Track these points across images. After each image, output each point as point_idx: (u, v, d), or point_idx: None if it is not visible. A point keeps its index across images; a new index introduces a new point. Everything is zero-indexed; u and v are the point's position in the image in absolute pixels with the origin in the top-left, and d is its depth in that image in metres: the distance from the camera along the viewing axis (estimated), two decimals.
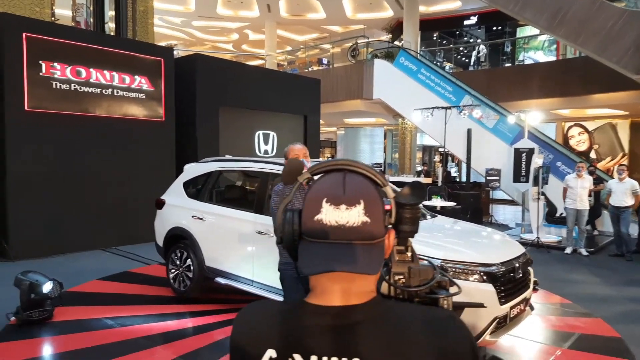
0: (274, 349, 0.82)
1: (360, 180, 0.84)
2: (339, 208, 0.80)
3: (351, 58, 15.37)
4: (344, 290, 0.81)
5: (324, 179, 0.85)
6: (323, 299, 0.82)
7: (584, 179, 8.19)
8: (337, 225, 0.79)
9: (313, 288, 0.84)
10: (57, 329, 4.26)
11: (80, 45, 7.41)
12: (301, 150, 3.27)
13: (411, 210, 0.91)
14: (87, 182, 7.47)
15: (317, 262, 0.79)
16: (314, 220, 0.81)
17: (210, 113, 9.11)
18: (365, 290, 0.82)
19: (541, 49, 17.58)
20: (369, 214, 0.80)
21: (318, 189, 0.83)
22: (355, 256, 0.78)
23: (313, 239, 0.81)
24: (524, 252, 3.94)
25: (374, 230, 0.81)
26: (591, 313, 5.06)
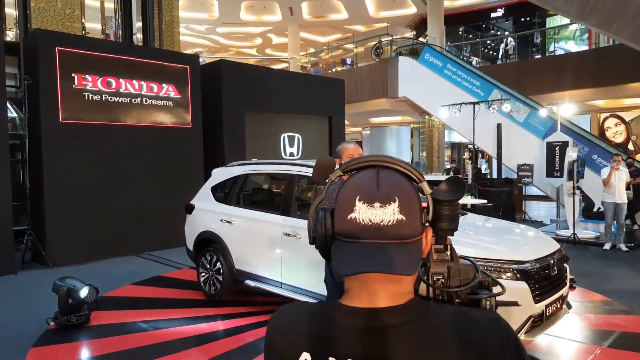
0: (309, 352, 0.80)
1: (394, 177, 0.80)
2: (373, 206, 0.77)
3: (375, 57, 15.27)
4: (380, 291, 0.78)
5: (357, 176, 0.82)
6: (358, 300, 0.80)
7: (621, 171, 7.88)
8: (372, 225, 0.76)
9: (348, 289, 0.82)
10: (94, 332, 4.38)
11: (109, 57, 7.63)
12: (355, 149, 3.19)
13: (450, 207, 0.87)
14: (119, 189, 7.67)
15: (351, 263, 0.76)
16: (347, 219, 0.78)
17: (236, 118, 9.22)
18: (402, 291, 0.80)
19: (572, 39, 17.02)
20: (404, 212, 0.77)
21: (351, 187, 0.80)
22: (391, 256, 0.75)
23: (346, 239, 0.79)
24: (559, 249, 3.81)
25: (410, 229, 0.77)
26: (632, 310, 4.85)
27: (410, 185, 0.81)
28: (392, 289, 0.79)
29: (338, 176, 0.88)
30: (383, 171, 0.81)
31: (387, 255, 0.75)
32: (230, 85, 9.16)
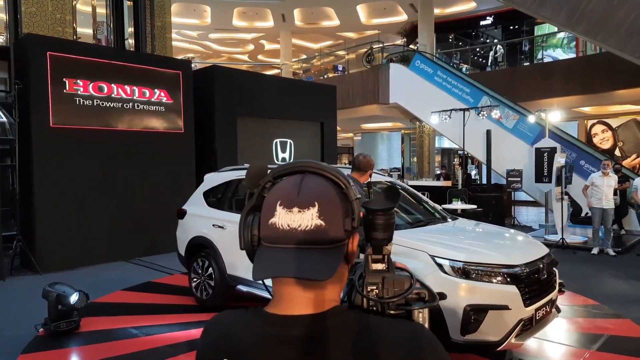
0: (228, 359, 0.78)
1: (318, 182, 0.80)
2: (292, 211, 0.76)
3: (366, 63, 15.38)
4: (299, 298, 0.77)
5: (283, 182, 0.82)
6: (280, 307, 0.78)
7: (609, 177, 8.00)
8: (289, 229, 0.75)
9: (272, 295, 0.81)
10: (84, 339, 4.35)
11: (101, 62, 7.61)
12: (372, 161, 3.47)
13: (383, 216, 0.87)
14: (110, 194, 7.63)
15: (265, 267, 0.75)
16: (269, 224, 0.77)
17: (228, 123, 9.23)
18: (323, 298, 0.78)
19: (560, 47, 17.29)
20: (323, 217, 0.76)
21: (275, 192, 0.80)
22: (306, 261, 0.73)
23: (268, 243, 0.78)
24: (548, 253, 3.86)
25: (329, 234, 0.76)
26: (620, 314, 4.92)
27: (333, 190, 0.79)
28: (313, 296, 0.77)
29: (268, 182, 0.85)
30: (308, 176, 0.80)
31: (302, 261, 0.74)
32: (223, 90, 9.18)
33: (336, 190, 0.80)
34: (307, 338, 0.75)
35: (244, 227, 0.83)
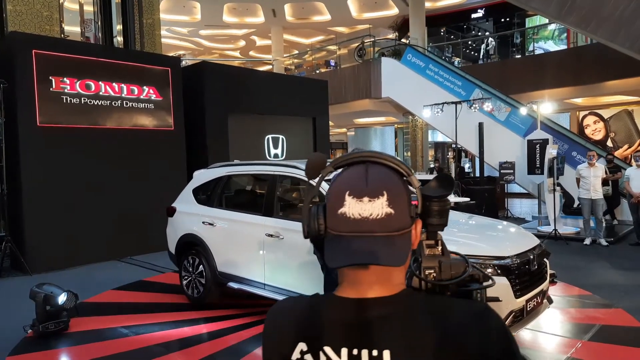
0: (305, 342, 0.83)
1: (383, 172, 0.82)
2: (362, 201, 0.79)
3: (358, 58, 15.32)
4: (372, 282, 0.81)
5: (347, 172, 0.84)
6: (351, 291, 0.82)
7: (596, 167, 8.01)
8: (361, 218, 0.78)
9: (341, 281, 0.85)
10: (73, 339, 4.29)
11: (88, 59, 7.51)
12: None
13: (439, 202, 0.90)
14: (99, 194, 7.55)
15: (341, 255, 0.78)
16: (337, 214, 0.80)
17: (219, 120, 9.15)
18: (392, 282, 0.82)
19: (551, 39, 17.31)
20: (392, 206, 0.79)
21: (341, 182, 0.83)
22: (379, 248, 0.77)
23: (337, 232, 0.81)
24: (539, 244, 3.85)
25: (398, 222, 0.79)
26: (612, 304, 4.93)
27: (398, 179, 0.82)
28: (382, 280, 0.81)
29: (329, 172, 0.89)
30: (372, 166, 0.82)
31: (375, 248, 0.77)
32: (213, 87, 9.10)
33: (400, 178, 0.83)
34: (383, 319, 0.79)
35: (309, 217, 0.84)
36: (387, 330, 0.78)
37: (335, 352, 0.80)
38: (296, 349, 0.83)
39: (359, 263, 0.77)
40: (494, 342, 0.78)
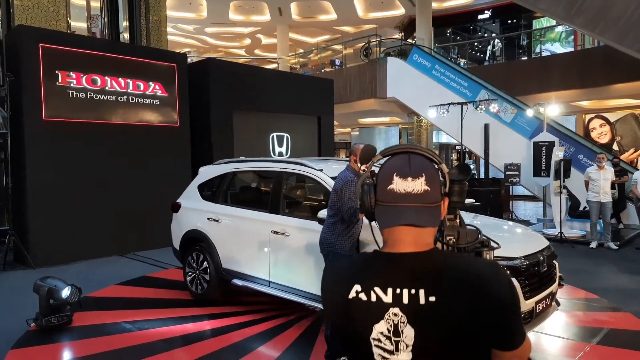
0: (359, 284, 1.07)
1: (421, 159, 1.08)
2: (406, 180, 1.05)
3: (364, 57, 15.27)
4: (409, 241, 1.06)
5: (393, 159, 1.09)
6: (394, 248, 1.07)
7: (605, 170, 7.94)
8: (405, 193, 1.05)
9: (385, 241, 1.10)
10: (76, 333, 4.27)
11: (94, 54, 7.50)
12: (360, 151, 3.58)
13: (459, 185, 1.21)
14: (104, 188, 7.54)
15: (392, 219, 1.06)
16: (387, 189, 1.06)
17: (224, 117, 9.13)
18: (424, 242, 1.07)
19: (558, 41, 17.21)
20: (429, 185, 1.05)
21: (389, 166, 1.08)
22: (419, 214, 1.04)
23: (387, 203, 1.06)
24: (548, 246, 3.80)
25: (432, 197, 1.06)
26: (620, 307, 4.87)
27: (432, 166, 1.08)
28: (417, 240, 1.06)
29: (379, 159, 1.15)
30: (413, 155, 1.09)
31: (416, 214, 1.04)
32: (218, 83, 9.07)
33: (433, 165, 1.09)
34: (418, 267, 1.04)
35: (363, 194, 1.11)
36: (422, 275, 1.03)
37: (383, 291, 1.04)
38: (352, 289, 1.07)
39: (405, 224, 1.04)
40: (505, 291, 1.01)
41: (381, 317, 1.04)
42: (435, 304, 1.00)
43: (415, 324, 1.02)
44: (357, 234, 3.58)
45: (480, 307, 0.99)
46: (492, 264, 1.08)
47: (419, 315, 1.02)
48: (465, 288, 1.00)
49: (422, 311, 1.01)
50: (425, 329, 1.02)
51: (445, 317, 1.00)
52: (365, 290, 1.06)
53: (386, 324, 1.04)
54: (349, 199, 3.41)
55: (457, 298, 0.99)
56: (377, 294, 1.05)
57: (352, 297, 1.07)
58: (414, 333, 1.02)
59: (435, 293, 1.00)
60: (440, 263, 1.05)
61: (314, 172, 4.27)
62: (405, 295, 1.03)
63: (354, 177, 3.49)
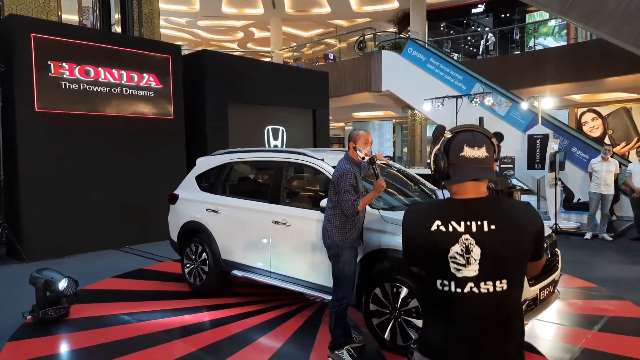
0: (439, 220, 1.51)
1: (481, 135, 1.55)
2: (474, 149, 1.51)
3: (358, 51, 15.22)
4: (472, 191, 1.53)
5: (461, 134, 1.55)
6: (463, 195, 1.54)
7: (609, 162, 7.95)
8: (473, 158, 1.51)
9: (454, 193, 1.56)
10: (74, 325, 4.20)
11: (88, 45, 7.37)
12: (368, 135, 3.55)
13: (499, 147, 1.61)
14: (98, 181, 7.43)
15: (464, 176, 1.52)
16: (460, 156, 1.52)
17: (219, 109, 9.04)
18: (482, 190, 1.54)
19: (551, 35, 17.28)
20: (488, 152, 1.53)
21: (460, 140, 1.53)
22: (482, 172, 1.52)
23: (460, 165, 1.52)
24: (551, 233, 3.80)
25: (490, 160, 1.53)
26: (619, 295, 4.90)
27: (489, 139, 1.55)
28: (478, 189, 1.53)
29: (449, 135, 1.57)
30: (475, 132, 1.55)
31: (480, 172, 1.51)
32: (213, 76, 8.98)
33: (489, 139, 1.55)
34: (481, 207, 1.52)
35: (440, 159, 1.54)
36: (484, 212, 1.50)
37: (457, 223, 1.50)
38: (434, 224, 1.52)
39: (474, 179, 1.51)
40: (539, 219, 1.55)
41: (456, 242, 1.49)
42: (495, 230, 1.48)
43: (481, 245, 1.48)
44: (360, 225, 3.52)
45: (527, 231, 1.51)
46: (527, 203, 1.62)
47: (484, 239, 1.48)
48: (513, 218, 1.51)
49: (486, 236, 1.48)
50: (487, 248, 1.48)
51: (501, 239, 1.48)
52: (444, 224, 1.51)
53: (460, 246, 1.49)
54: (346, 192, 3.29)
55: (509, 225, 1.49)
56: (453, 226, 1.50)
57: (434, 230, 1.51)
58: (480, 251, 1.48)
59: (494, 223, 1.48)
60: (495, 204, 1.55)
61: (316, 162, 4.22)
62: (474, 225, 1.49)
63: (350, 168, 3.38)
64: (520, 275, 1.54)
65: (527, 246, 1.51)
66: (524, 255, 1.51)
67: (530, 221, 1.52)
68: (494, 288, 1.48)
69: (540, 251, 1.55)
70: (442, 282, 1.52)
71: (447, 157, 1.52)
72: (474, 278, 1.48)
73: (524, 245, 1.50)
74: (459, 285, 1.49)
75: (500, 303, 1.49)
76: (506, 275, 1.49)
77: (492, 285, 1.48)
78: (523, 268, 1.54)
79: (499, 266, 1.48)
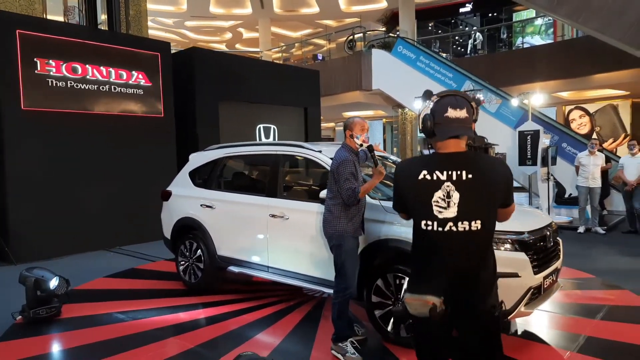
0: (425, 170, 1.82)
1: (462, 99, 1.83)
2: (456, 110, 1.80)
3: (348, 49, 15.19)
4: (454, 146, 1.83)
5: (445, 98, 1.83)
6: (446, 150, 1.83)
7: (596, 156, 8.02)
8: (455, 118, 1.80)
9: (439, 148, 1.85)
10: (67, 325, 4.07)
11: (75, 42, 7.22)
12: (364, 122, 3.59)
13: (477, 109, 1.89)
14: (87, 181, 7.27)
15: (447, 133, 1.80)
16: (444, 116, 1.80)
17: (210, 108, 8.93)
18: (462, 146, 1.83)
19: (538, 34, 17.45)
20: (468, 113, 1.82)
21: (444, 103, 1.82)
22: (463, 130, 1.81)
23: (444, 124, 1.80)
24: (552, 222, 3.77)
25: (469, 121, 1.83)
26: (618, 285, 4.91)
27: (469, 102, 1.84)
28: (458, 145, 1.83)
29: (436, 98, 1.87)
30: (457, 97, 1.84)
31: (461, 130, 1.80)
32: (203, 74, 8.87)
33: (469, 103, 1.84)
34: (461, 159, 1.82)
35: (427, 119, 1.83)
36: (463, 163, 1.79)
37: (440, 173, 1.80)
38: (421, 173, 1.82)
39: (455, 135, 1.80)
40: (507, 174, 1.84)
41: (439, 188, 1.80)
42: (472, 179, 1.78)
43: (459, 190, 1.78)
44: (361, 214, 3.46)
45: (498, 180, 1.82)
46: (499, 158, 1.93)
47: (462, 186, 1.78)
48: (488, 170, 1.81)
49: (464, 183, 1.78)
50: (465, 193, 1.78)
51: (477, 186, 1.78)
52: (430, 173, 1.81)
53: (442, 192, 1.80)
54: (346, 180, 3.24)
55: (483, 175, 1.79)
56: (437, 175, 1.81)
57: (421, 178, 1.83)
58: (458, 196, 1.78)
59: (472, 173, 1.78)
60: (472, 157, 1.83)
61: (314, 154, 4.15)
62: (454, 175, 1.79)
63: (348, 156, 3.34)
64: (493, 217, 1.83)
65: (499, 193, 1.82)
66: (495, 200, 1.82)
67: (500, 173, 1.81)
68: (470, 227, 1.77)
69: (509, 199, 1.86)
70: (426, 222, 1.81)
71: (433, 117, 1.80)
72: (453, 219, 1.77)
73: (496, 193, 1.81)
74: (440, 225, 1.79)
75: (475, 240, 1.79)
76: (480, 217, 1.78)
77: (468, 225, 1.77)
78: (494, 211, 1.84)
79: (474, 209, 1.78)
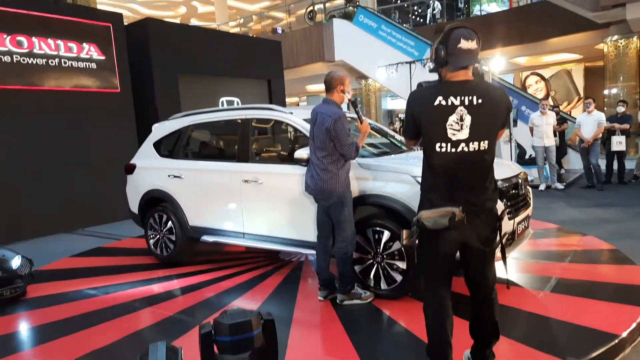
0: (441, 96, 2.05)
1: (472, 31, 2.04)
2: (468, 41, 2.02)
3: (309, 20, 14.93)
4: (464, 75, 2.08)
5: (458, 30, 2.03)
6: (457, 78, 2.08)
7: (548, 115, 8.28)
8: (467, 49, 2.02)
9: (450, 77, 2.09)
10: (34, 304, 3.87)
11: (19, 13, 6.71)
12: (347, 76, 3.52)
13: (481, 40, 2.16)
14: (42, 161, 6.88)
15: (462, 62, 2.04)
16: (457, 47, 2.01)
17: (168, 81, 8.58)
18: (470, 75, 2.09)
19: (494, 1, 17.69)
20: (478, 44, 2.06)
21: (457, 34, 2.02)
22: (475, 60, 2.05)
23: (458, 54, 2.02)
24: (522, 171, 3.86)
25: (478, 51, 2.07)
26: (582, 232, 5.12)
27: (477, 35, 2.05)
28: (467, 74, 2.08)
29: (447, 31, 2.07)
30: (467, 28, 2.04)
31: (473, 60, 2.05)
32: (160, 46, 8.47)
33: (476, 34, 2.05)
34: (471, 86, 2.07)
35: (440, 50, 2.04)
36: (474, 89, 2.04)
37: (454, 98, 2.03)
38: (436, 99, 2.05)
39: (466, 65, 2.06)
40: (508, 99, 2.15)
41: (453, 112, 2.03)
42: (481, 104, 2.02)
43: (471, 114, 2.02)
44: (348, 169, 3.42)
45: (502, 106, 2.10)
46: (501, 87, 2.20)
47: (473, 110, 2.02)
48: (494, 96, 2.07)
49: (476, 107, 2.02)
50: (476, 116, 2.02)
51: (485, 110, 2.03)
52: (445, 99, 2.03)
53: (456, 115, 2.02)
54: (348, 135, 3.22)
55: (491, 100, 2.05)
56: (452, 100, 2.03)
57: (437, 104, 2.04)
58: (470, 119, 2.02)
59: (481, 98, 2.02)
60: (481, 84, 2.08)
61: (285, 116, 4.06)
62: (466, 99, 2.02)
63: (342, 112, 3.30)
64: (495, 138, 2.10)
65: (502, 116, 2.10)
66: (499, 123, 2.09)
67: (504, 98, 2.10)
68: (479, 147, 2.03)
69: (507, 121, 2.21)
70: (440, 144, 2.04)
71: (446, 48, 2.01)
72: (465, 140, 2.02)
73: (500, 116, 2.09)
74: (453, 146, 2.03)
75: (483, 157, 2.06)
76: (488, 137, 2.05)
77: (477, 145, 2.03)
78: (496, 133, 2.10)
79: (483, 131, 2.03)
